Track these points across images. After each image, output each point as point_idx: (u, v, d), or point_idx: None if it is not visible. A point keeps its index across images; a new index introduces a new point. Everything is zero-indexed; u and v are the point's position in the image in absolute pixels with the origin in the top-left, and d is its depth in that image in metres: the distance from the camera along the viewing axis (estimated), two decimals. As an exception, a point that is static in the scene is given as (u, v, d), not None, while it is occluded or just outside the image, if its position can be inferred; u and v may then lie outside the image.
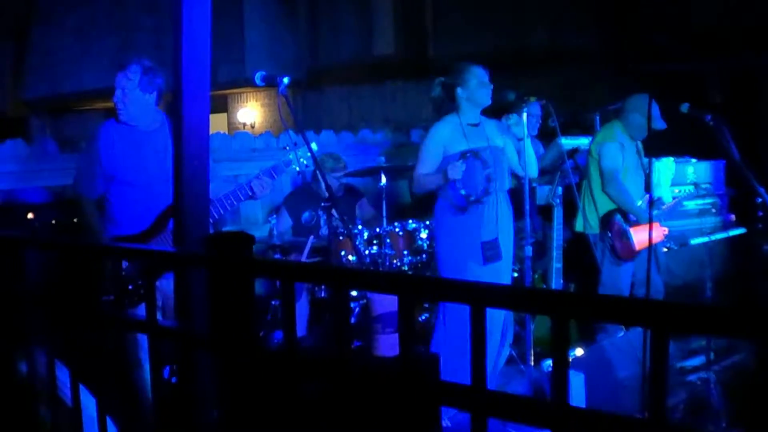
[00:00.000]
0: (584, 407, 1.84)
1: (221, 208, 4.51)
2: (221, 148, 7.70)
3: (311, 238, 5.91)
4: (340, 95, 14.70)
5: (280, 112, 4.38)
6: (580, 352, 5.32)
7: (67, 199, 5.54)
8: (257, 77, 4.36)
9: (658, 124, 5.70)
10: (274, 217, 6.35)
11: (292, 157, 4.70)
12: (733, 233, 5.88)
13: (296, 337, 2.13)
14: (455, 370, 5.11)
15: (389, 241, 6.15)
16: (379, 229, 6.20)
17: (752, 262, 6.65)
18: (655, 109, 5.66)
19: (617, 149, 5.87)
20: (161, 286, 3.75)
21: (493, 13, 11.38)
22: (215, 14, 2.71)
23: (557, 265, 5.61)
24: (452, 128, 5.11)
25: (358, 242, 6.03)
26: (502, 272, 5.21)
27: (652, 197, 5.61)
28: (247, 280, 2.19)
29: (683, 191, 6.35)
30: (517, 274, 6.24)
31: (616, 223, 5.81)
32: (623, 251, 5.83)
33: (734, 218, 6.83)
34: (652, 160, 5.69)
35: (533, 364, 5.37)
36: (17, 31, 18.41)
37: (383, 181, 6.46)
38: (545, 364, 5.47)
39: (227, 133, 12.77)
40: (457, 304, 1.87)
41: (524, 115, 5.17)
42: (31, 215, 5.81)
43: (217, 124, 16.86)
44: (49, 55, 17.70)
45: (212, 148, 3.09)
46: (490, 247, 5.07)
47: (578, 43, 10.46)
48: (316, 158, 4.58)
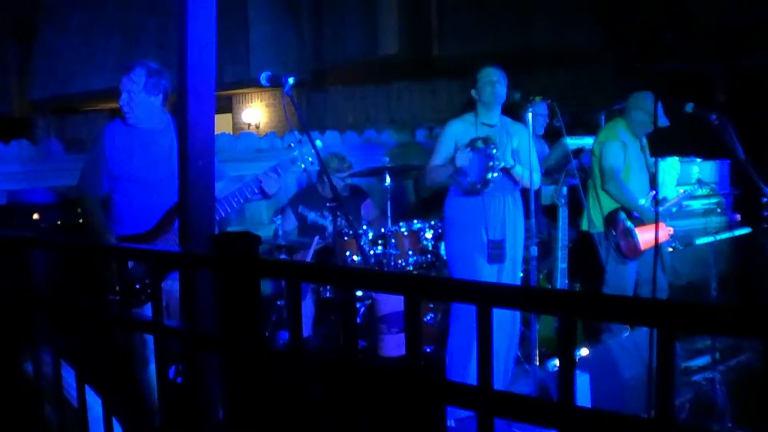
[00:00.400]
0: (590, 407, 1.83)
1: (228, 206, 4.51)
2: (226, 148, 7.69)
3: (317, 238, 5.91)
4: (344, 95, 14.70)
5: (285, 112, 4.38)
6: (585, 352, 5.31)
7: (72, 199, 5.54)
8: (262, 77, 4.35)
9: (661, 121, 5.70)
10: (279, 217, 6.35)
11: (296, 154, 4.71)
12: (738, 233, 5.87)
13: (302, 336, 2.13)
14: (466, 371, 5.14)
15: (394, 241, 6.15)
16: (383, 229, 6.20)
17: (757, 261, 6.64)
18: (658, 107, 5.65)
19: (619, 148, 5.88)
20: (166, 286, 3.76)
21: (498, 12, 11.37)
22: (219, 15, 2.71)
23: (562, 265, 5.61)
24: (467, 125, 5.19)
25: (363, 242, 6.03)
26: (507, 274, 5.21)
27: (657, 196, 5.61)
28: (253, 280, 2.19)
29: (688, 190, 6.35)
30: (522, 274, 6.24)
31: (620, 221, 5.81)
32: (628, 250, 5.83)
33: (739, 218, 6.82)
34: (657, 159, 5.69)
35: (538, 364, 5.36)
36: (23, 31, 18.43)
37: (388, 181, 6.45)
38: (550, 364, 5.47)
39: (232, 133, 12.78)
40: (466, 305, 1.87)
41: (529, 114, 5.18)
42: (36, 216, 5.81)
43: (221, 124, 16.87)
44: (54, 55, 17.71)
45: (217, 148, 3.09)
46: (495, 246, 5.08)
47: (584, 42, 10.45)
48: (320, 156, 4.58)
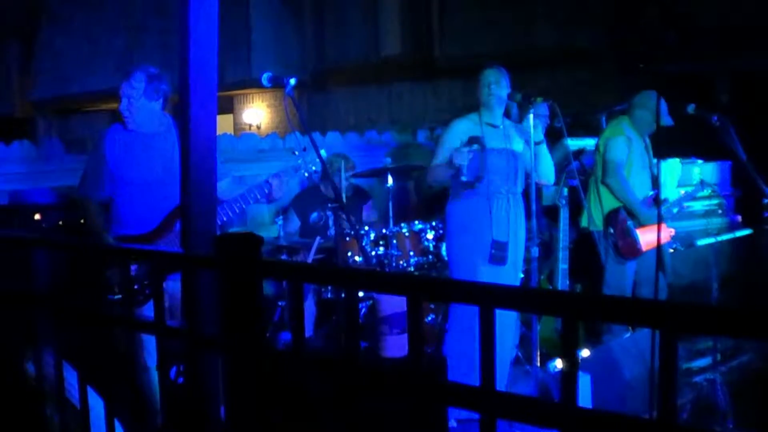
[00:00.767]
0: (591, 408, 1.84)
1: (230, 210, 4.51)
2: (227, 149, 7.70)
3: (318, 239, 5.91)
4: (346, 96, 14.69)
5: (287, 113, 4.38)
6: (586, 353, 5.31)
7: (73, 201, 5.55)
8: (264, 78, 4.35)
9: (665, 120, 5.70)
10: (281, 218, 6.36)
11: (300, 162, 4.70)
12: (739, 234, 5.87)
13: (305, 337, 2.14)
14: (464, 371, 5.14)
15: (396, 242, 6.15)
16: (385, 230, 6.20)
17: (759, 262, 6.64)
18: (662, 105, 5.66)
19: (624, 143, 5.88)
20: (167, 287, 3.76)
21: (499, 13, 11.37)
22: (221, 15, 2.71)
23: (563, 266, 5.61)
24: (472, 125, 5.18)
25: (364, 243, 6.03)
26: (508, 277, 5.19)
27: (659, 196, 5.61)
28: (256, 281, 2.19)
29: (689, 192, 6.35)
30: (523, 275, 6.24)
31: (621, 220, 5.80)
32: (626, 249, 5.82)
33: (740, 219, 6.82)
34: (659, 160, 5.69)
35: (539, 365, 5.36)
36: (24, 32, 18.44)
37: (390, 182, 6.46)
38: (551, 365, 5.46)
39: (233, 134, 12.79)
40: (464, 305, 1.87)
41: (531, 115, 5.18)
42: (38, 216, 5.82)
43: (222, 125, 16.86)
44: (56, 56, 17.73)
45: (218, 149, 3.09)
46: (499, 247, 5.07)
47: (585, 43, 10.45)
48: (324, 163, 4.57)
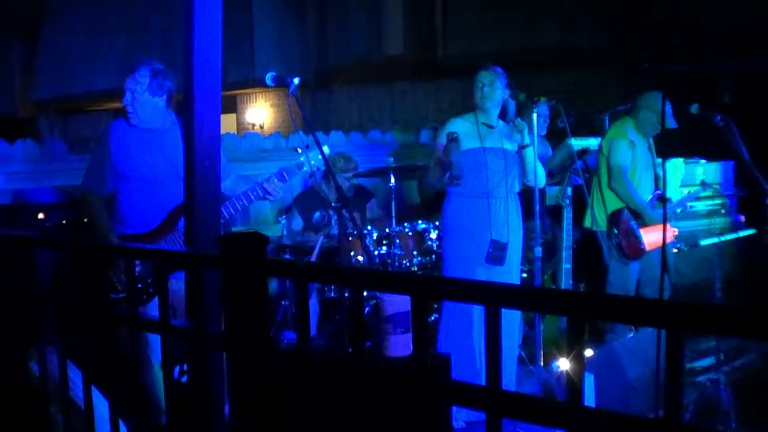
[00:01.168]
0: (597, 408, 1.83)
1: (232, 208, 4.51)
2: (230, 148, 7.70)
3: (321, 238, 5.91)
4: (348, 95, 14.69)
5: (290, 112, 4.37)
6: (589, 352, 5.31)
7: (76, 198, 5.55)
8: (268, 78, 4.35)
9: (669, 122, 5.70)
10: (284, 217, 6.35)
11: (303, 159, 4.70)
12: (742, 234, 5.86)
13: (310, 336, 2.13)
14: (457, 370, 5.13)
15: (399, 241, 6.15)
16: (388, 229, 6.20)
17: (762, 262, 6.63)
18: (666, 108, 5.65)
19: (627, 146, 5.88)
20: (169, 285, 3.76)
21: (503, 13, 11.36)
22: (224, 14, 2.71)
23: (567, 265, 5.61)
24: (468, 125, 5.16)
25: (367, 242, 6.03)
26: (505, 277, 5.18)
27: (664, 196, 5.61)
28: (261, 280, 2.19)
29: (692, 191, 6.34)
30: (526, 275, 6.23)
31: (623, 221, 5.80)
32: (630, 250, 5.82)
33: (744, 219, 6.81)
34: (664, 160, 5.69)
35: (542, 364, 5.36)
36: (27, 31, 18.45)
37: (392, 181, 6.46)
38: (554, 365, 5.46)
39: (236, 133, 12.78)
40: (456, 304, 1.87)
41: (534, 115, 5.18)
42: (41, 215, 5.82)
43: (226, 124, 16.86)
44: (58, 55, 17.73)
45: (222, 148, 3.09)
46: (498, 247, 5.07)
47: (589, 43, 10.44)
48: (327, 161, 4.57)
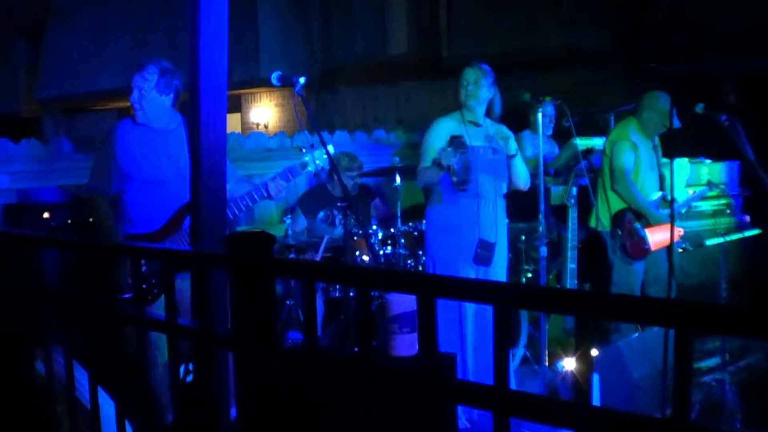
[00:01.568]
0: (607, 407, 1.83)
1: (236, 208, 4.51)
2: (235, 148, 7.70)
3: (326, 237, 5.91)
4: (353, 95, 14.68)
5: (296, 112, 4.38)
6: (594, 352, 5.31)
7: (82, 198, 5.56)
8: (274, 77, 4.34)
9: (673, 122, 5.70)
10: (289, 217, 6.36)
11: (308, 159, 4.70)
12: (748, 234, 5.86)
13: (317, 335, 2.13)
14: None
15: (403, 241, 6.15)
16: (393, 229, 6.21)
17: (767, 263, 6.63)
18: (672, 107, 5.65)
19: (628, 148, 5.88)
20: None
21: (507, 13, 11.35)
22: (228, 14, 2.72)
23: (572, 265, 5.60)
24: (455, 124, 5.15)
25: (372, 242, 6.04)
26: (491, 278, 5.16)
27: (672, 197, 5.60)
28: (268, 279, 2.19)
29: (698, 191, 6.34)
30: (531, 274, 6.24)
31: (627, 221, 5.80)
32: (634, 250, 5.82)
33: (749, 219, 6.81)
34: (671, 161, 5.68)
35: (547, 364, 5.36)
36: (31, 31, 18.47)
37: (397, 181, 6.47)
38: (559, 364, 5.46)
39: (241, 133, 12.78)
40: (443, 302, 1.87)
41: (539, 115, 5.17)
42: (47, 214, 5.83)
43: (230, 124, 16.81)
44: (62, 55, 17.75)
45: (227, 148, 3.09)
46: (485, 247, 5.05)
47: (593, 43, 10.43)
48: (333, 160, 4.57)
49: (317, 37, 14.99)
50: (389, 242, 6.20)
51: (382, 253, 6.12)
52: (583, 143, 6.80)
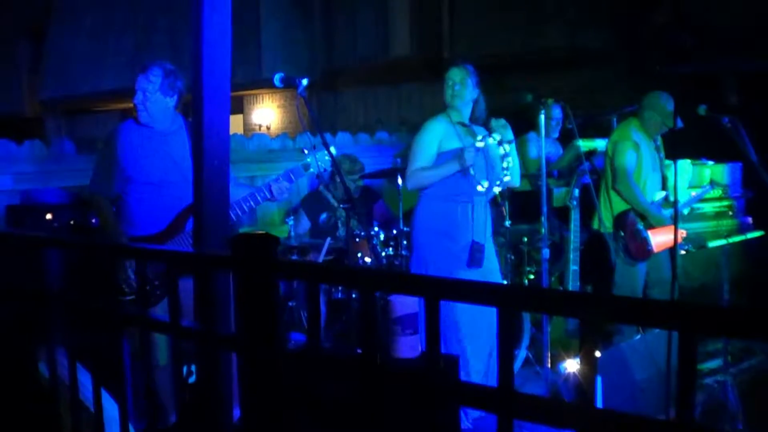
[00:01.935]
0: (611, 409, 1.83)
1: (239, 210, 4.51)
2: (238, 149, 7.72)
3: (328, 239, 5.91)
4: (355, 97, 14.68)
5: (298, 113, 4.39)
6: (596, 354, 5.30)
7: (84, 199, 5.56)
8: (276, 79, 4.34)
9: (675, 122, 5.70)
10: (291, 218, 6.36)
11: (311, 160, 4.70)
12: (750, 236, 5.86)
13: (321, 337, 2.14)
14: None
15: (405, 242, 6.15)
16: (395, 230, 6.20)
17: (769, 264, 6.62)
18: (672, 108, 5.65)
19: (630, 148, 5.88)
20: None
21: (510, 14, 11.35)
22: (232, 15, 2.72)
23: (574, 267, 5.61)
24: (445, 126, 5.13)
25: (374, 243, 6.03)
26: (485, 279, 5.15)
27: (676, 198, 5.60)
28: (272, 281, 2.19)
29: (699, 191, 6.33)
30: (533, 276, 6.23)
31: (629, 223, 5.80)
32: (637, 251, 5.82)
33: (751, 221, 6.80)
34: (675, 162, 5.68)
35: (550, 366, 5.36)
36: (34, 31, 18.51)
37: (400, 182, 6.47)
38: (561, 366, 5.46)
39: (243, 134, 12.79)
40: (444, 303, 1.86)
41: (542, 116, 5.17)
42: (49, 215, 5.84)
43: (232, 125, 16.73)
44: (65, 56, 17.78)
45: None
46: (478, 249, 5.04)
47: (596, 44, 10.43)
48: (335, 161, 4.57)
49: (319, 38, 15.00)
50: (391, 244, 6.20)
51: (384, 254, 6.12)
52: (585, 145, 6.80)
